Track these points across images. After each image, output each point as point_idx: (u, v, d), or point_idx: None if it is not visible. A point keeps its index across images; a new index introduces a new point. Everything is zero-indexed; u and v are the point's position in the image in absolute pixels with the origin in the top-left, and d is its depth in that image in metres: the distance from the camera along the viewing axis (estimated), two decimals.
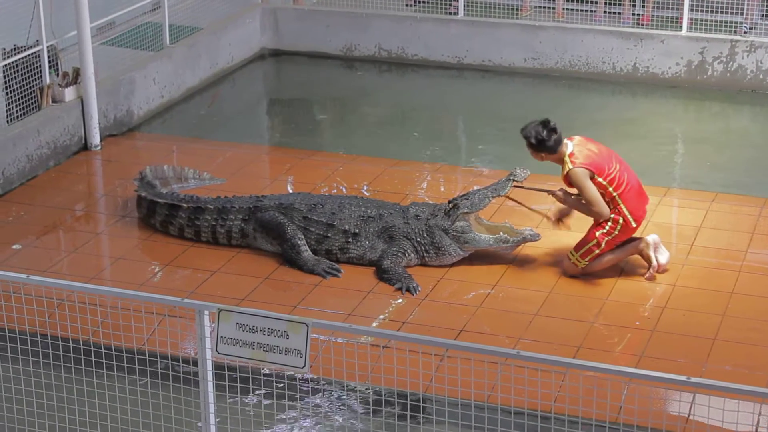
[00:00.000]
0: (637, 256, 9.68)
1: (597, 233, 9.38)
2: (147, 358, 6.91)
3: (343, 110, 14.37)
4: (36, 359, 7.15)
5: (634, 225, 9.42)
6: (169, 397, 7.02)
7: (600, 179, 9.28)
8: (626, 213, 9.35)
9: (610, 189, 9.30)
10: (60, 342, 7.14)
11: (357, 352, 8.11)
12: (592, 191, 9.28)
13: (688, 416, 7.53)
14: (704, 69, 14.48)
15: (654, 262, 9.50)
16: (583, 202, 9.42)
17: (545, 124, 9.35)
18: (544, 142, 9.33)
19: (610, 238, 9.39)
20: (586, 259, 9.43)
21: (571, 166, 9.29)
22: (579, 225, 9.74)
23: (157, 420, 7.02)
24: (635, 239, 9.59)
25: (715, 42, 14.42)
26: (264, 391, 7.88)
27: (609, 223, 9.36)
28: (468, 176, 11.85)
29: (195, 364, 6.42)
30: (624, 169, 9.43)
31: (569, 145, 9.38)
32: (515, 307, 9.14)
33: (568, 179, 9.38)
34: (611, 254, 9.54)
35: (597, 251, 9.40)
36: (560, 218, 9.84)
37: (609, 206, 9.36)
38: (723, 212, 10.81)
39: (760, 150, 12.86)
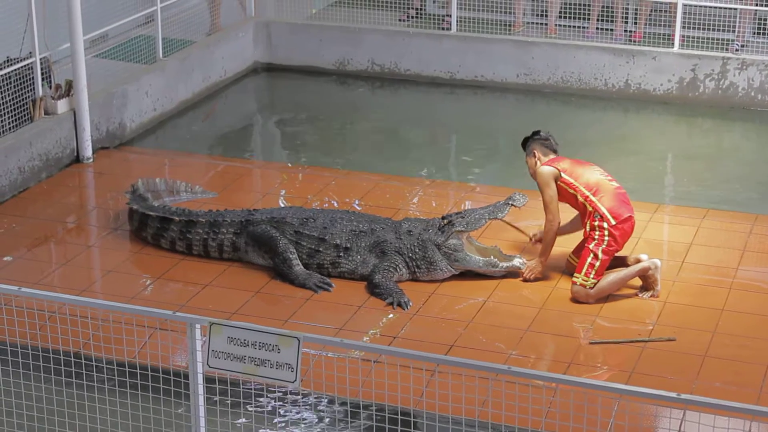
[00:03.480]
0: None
1: (590, 246, 9.32)
2: (138, 371, 6.90)
3: (335, 125, 14.37)
4: (27, 371, 7.14)
5: (614, 222, 9.25)
6: (159, 411, 7.00)
7: (568, 177, 9.41)
8: (605, 211, 9.27)
9: (582, 188, 9.37)
10: (51, 354, 7.11)
11: (348, 366, 8.10)
12: (550, 194, 9.47)
13: None
14: (696, 86, 14.52)
15: (658, 286, 9.45)
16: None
17: (536, 131, 9.81)
18: (525, 140, 9.78)
19: (604, 246, 9.28)
20: (591, 276, 9.29)
21: (539, 165, 9.58)
22: (569, 243, 9.76)
23: None
24: (644, 263, 9.48)
25: (706, 59, 14.46)
26: (254, 405, 7.87)
27: (597, 232, 9.30)
28: (460, 192, 11.86)
29: (186, 377, 6.42)
30: (604, 181, 9.46)
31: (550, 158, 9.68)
32: (506, 323, 9.14)
33: (536, 178, 9.60)
34: (618, 275, 9.42)
35: (597, 263, 9.27)
36: (540, 240, 9.86)
37: (587, 209, 9.35)
38: (714, 229, 10.82)
39: (751, 167, 12.89)
